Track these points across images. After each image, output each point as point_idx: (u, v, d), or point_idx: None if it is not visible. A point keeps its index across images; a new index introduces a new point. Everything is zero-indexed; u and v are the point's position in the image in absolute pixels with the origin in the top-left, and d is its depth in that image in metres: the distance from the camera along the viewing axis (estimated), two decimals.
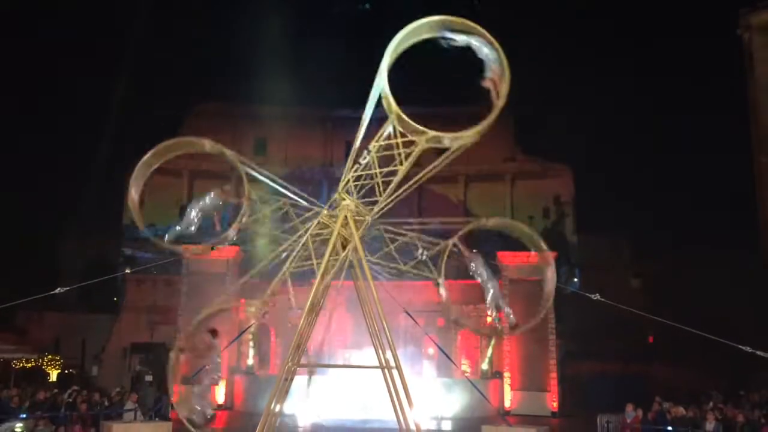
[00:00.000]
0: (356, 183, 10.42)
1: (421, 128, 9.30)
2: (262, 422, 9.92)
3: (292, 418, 19.49)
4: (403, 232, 11.68)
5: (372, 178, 10.20)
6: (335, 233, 10.52)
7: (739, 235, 29.72)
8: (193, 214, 11.15)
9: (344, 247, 10.74)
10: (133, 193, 11.02)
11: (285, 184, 11.35)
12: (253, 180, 11.30)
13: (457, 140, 9.47)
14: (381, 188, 10.23)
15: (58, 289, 10.94)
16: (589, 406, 19.44)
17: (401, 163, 9.80)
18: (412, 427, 9.85)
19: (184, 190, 35.92)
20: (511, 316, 12.35)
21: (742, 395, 20.68)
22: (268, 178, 11.31)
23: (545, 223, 36.35)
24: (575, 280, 33.39)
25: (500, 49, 9.15)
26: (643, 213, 33.78)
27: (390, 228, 11.64)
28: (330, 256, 10.49)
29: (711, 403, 17.44)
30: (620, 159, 34.65)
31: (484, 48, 9.20)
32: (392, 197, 10.33)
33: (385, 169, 10.04)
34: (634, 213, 33.82)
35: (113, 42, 35.23)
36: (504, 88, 9.24)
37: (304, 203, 11.40)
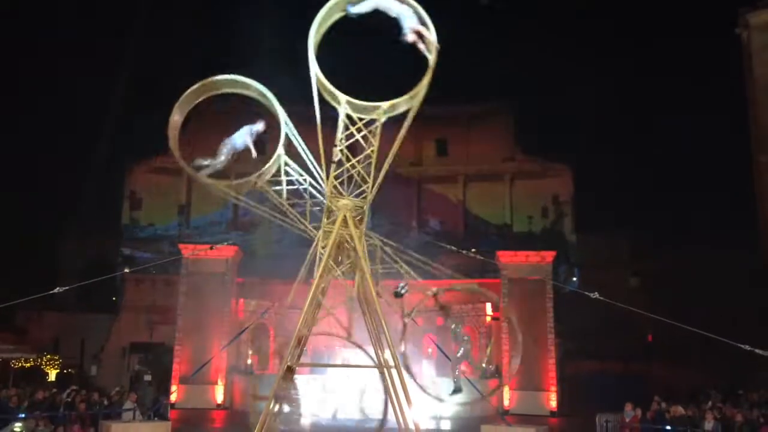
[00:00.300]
0: (339, 180, 10.53)
1: (374, 104, 9.50)
2: (261, 422, 9.91)
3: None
4: (399, 261, 11.56)
5: (351, 170, 10.36)
6: (335, 233, 10.52)
7: (738, 234, 29.72)
8: (225, 151, 10.99)
9: (338, 246, 10.78)
10: (176, 117, 11.08)
11: (314, 162, 11.32)
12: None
13: (412, 99, 9.54)
14: (365, 174, 10.36)
15: (57, 288, 10.89)
16: (588, 406, 19.42)
17: (371, 144, 9.97)
18: (411, 426, 9.85)
19: (183, 190, 35.92)
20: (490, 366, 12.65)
21: (740, 395, 20.70)
22: (300, 143, 11.34)
23: (544, 222, 36.39)
24: (574, 279, 33.42)
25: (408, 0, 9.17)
26: (642, 212, 33.80)
27: (388, 251, 11.57)
28: (329, 256, 10.49)
29: (710, 403, 17.44)
30: (619, 158, 34.69)
31: (393, 6, 9.24)
32: (378, 178, 10.45)
33: (361, 156, 10.18)
34: (633, 212, 33.85)
35: (113, 42, 35.26)
36: (431, 35, 9.21)
37: (322, 187, 11.17)
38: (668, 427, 15.01)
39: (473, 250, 11.83)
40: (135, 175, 35.65)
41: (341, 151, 10.10)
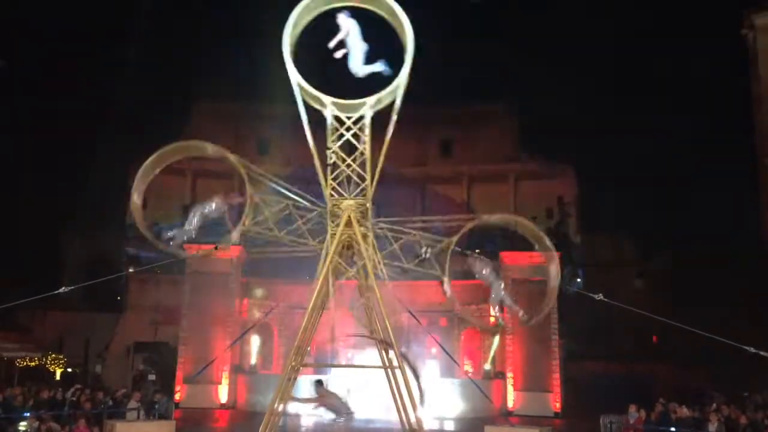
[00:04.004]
0: (338, 181, 10.50)
1: (360, 101, 9.58)
2: (265, 421, 9.93)
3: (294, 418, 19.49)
4: (406, 230, 11.67)
5: (347, 170, 10.34)
6: (338, 235, 10.52)
7: (743, 236, 29.63)
8: (195, 220, 11.13)
9: (349, 247, 10.82)
10: (136, 198, 11.04)
11: (287, 185, 11.41)
12: (255, 181, 11.40)
13: (396, 91, 9.59)
14: (361, 172, 10.32)
15: (63, 288, 10.92)
16: (592, 407, 19.41)
17: (363, 142, 10.00)
18: (415, 427, 9.87)
19: (188, 190, 35.97)
20: (520, 313, 12.49)
21: (745, 396, 20.64)
22: (269, 179, 11.42)
23: (548, 223, 36.25)
24: (578, 280, 33.36)
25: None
26: (646, 213, 33.74)
27: (394, 227, 11.65)
28: (332, 258, 10.50)
29: (714, 404, 17.41)
30: (623, 159, 34.62)
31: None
32: (376, 174, 10.39)
33: (355, 153, 10.17)
34: (637, 213, 33.79)
35: (114, 41, 35.34)
36: (407, 27, 9.44)
37: (306, 204, 11.40)
38: (672, 429, 15.00)
39: (477, 250, 11.82)
40: None
41: (335, 153, 10.09)
